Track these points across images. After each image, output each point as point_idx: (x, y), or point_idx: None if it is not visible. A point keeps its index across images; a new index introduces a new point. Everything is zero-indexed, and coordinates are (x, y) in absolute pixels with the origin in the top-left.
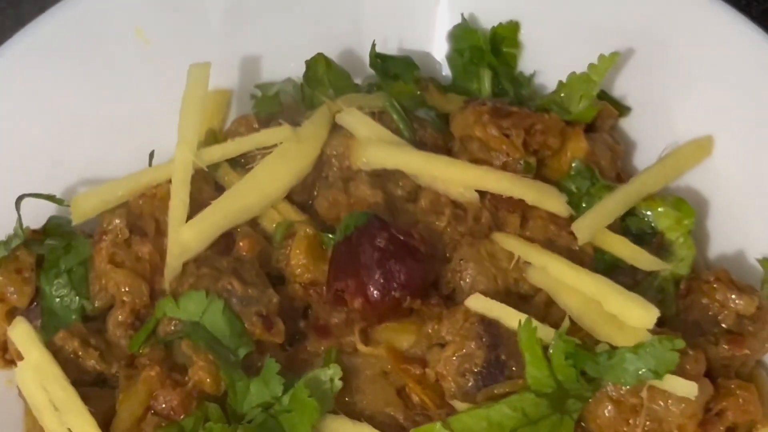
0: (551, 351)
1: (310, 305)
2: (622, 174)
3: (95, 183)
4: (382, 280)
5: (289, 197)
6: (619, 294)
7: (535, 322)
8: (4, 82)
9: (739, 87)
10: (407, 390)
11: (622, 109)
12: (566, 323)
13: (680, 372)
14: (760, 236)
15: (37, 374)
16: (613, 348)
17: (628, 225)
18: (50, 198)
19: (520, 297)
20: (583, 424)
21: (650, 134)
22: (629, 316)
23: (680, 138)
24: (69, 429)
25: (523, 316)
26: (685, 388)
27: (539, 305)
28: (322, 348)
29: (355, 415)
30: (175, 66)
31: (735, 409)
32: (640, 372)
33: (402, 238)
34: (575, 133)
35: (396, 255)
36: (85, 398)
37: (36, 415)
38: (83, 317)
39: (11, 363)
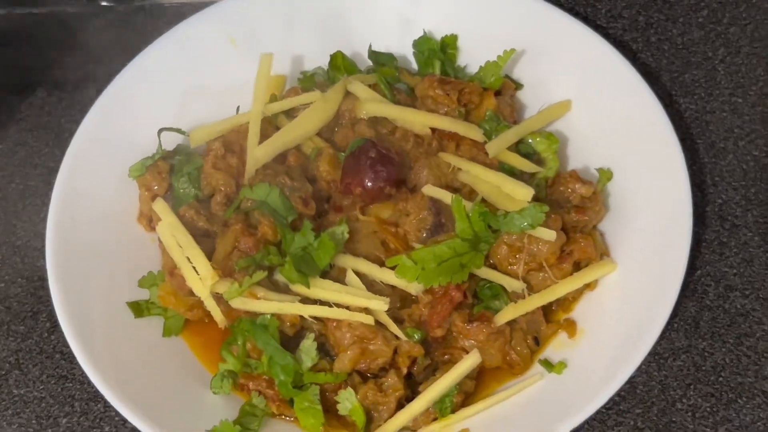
0: (470, 214)
1: (331, 194)
2: (516, 120)
3: (205, 123)
4: (373, 176)
5: (319, 134)
6: (511, 181)
7: (462, 199)
8: (150, 73)
9: (584, 68)
10: (387, 240)
11: (517, 85)
12: (479, 198)
13: (546, 226)
14: (594, 157)
15: (170, 229)
16: (507, 212)
17: (519, 148)
18: (178, 131)
19: (454, 189)
20: (489, 259)
21: (534, 100)
22: (516, 194)
23: (552, 100)
24: (188, 257)
25: (455, 195)
26: (548, 234)
27: (465, 193)
28: (338, 219)
29: (356, 254)
30: (253, 58)
31: (579, 250)
32: (522, 225)
33: (384, 152)
34: (488, 94)
35: (381, 162)
36: (198, 243)
37: (168, 252)
38: (196, 200)
39: (154, 229)
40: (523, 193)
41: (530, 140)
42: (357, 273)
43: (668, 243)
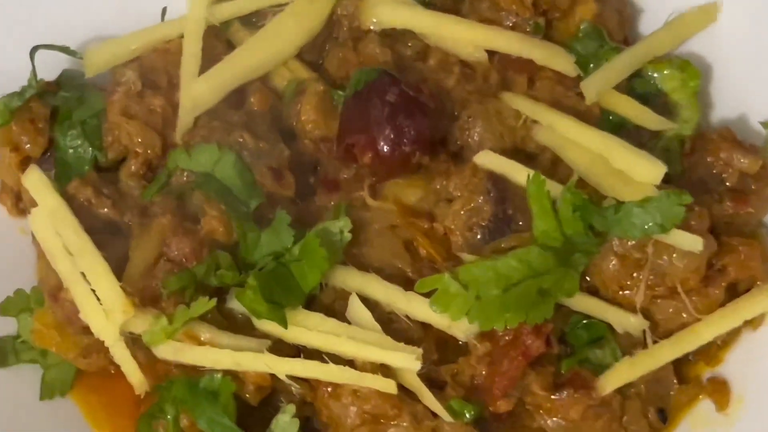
0: (559, 204)
1: (320, 161)
2: (629, 38)
3: (108, 38)
4: (392, 135)
5: (300, 56)
6: (627, 150)
7: (543, 177)
8: None
9: None
10: (415, 243)
11: None
12: (575, 177)
13: (685, 227)
14: (763, 101)
15: (51, 220)
16: (620, 203)
17: (634, 86)
18: (64, 50)
19: (527, 155)
20: (588, 278)
21: (657, 1)
22: (636, 172)
23: (686, 3)
24: (82, 273)
25: (531, 171)
26: (691, 242)
27: (546, 163)
28: (332, 203)
29: (364, 266)
30: None
31: (737, 265)
32: (646, 226)
33: (412, 93)
34: None
35: (406, 110)
36: (98, 245)
37: (50, 260)
38: (96, 168)
39: (24, 212)
40: (649, 171)
41: (653, 73)
42: (366, 300)
43: None
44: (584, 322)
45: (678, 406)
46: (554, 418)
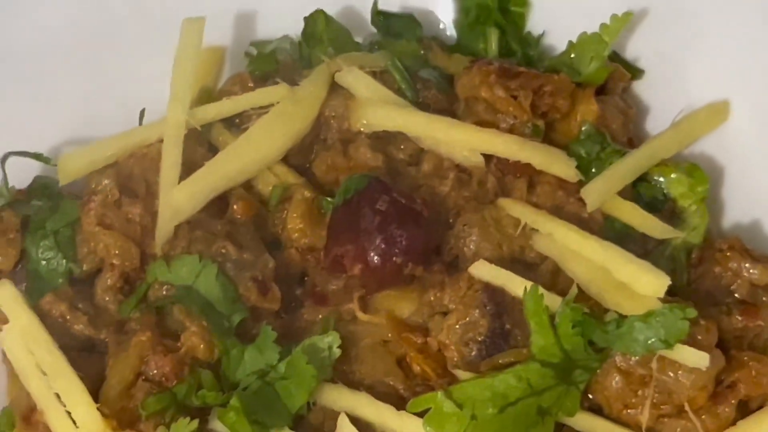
0: (558, 319)
1: (307, 272)
2: (633, 139)
3: (83, 143)
4: (383, 245)
5: (286, 160)
6: (629, 261)
7: (541, 289)
8: None
9: (755, 47)
10: (408, 359)
11: (635, 72)
12: (574, 290)
13: (691, 342)
14: None
15: (24, 338)
16: (622, 317)
17: (639, 192)
18: (37, 157)
19: (526, 265)
20: (590, 395)
21: (664, 98)
22: (639, 284)
23: (695, 102)
24: (57, 394)
25: (529, 283)
26: (696, 358)
27: (545, 274)
28: (320, 316)
29: (354, 384)
30: (167, 20)
31: (747, 381)
32: (649, 341)
33: (404, 201)
34: (585, 95)
35: (398, 219)
36: (73, 364)
37: (22, 380)
38: (70, 281)
39: None
40: (652, 283)
41: (659, 177)
42: (356, 420)
43: None
44: None
45: None
46: None
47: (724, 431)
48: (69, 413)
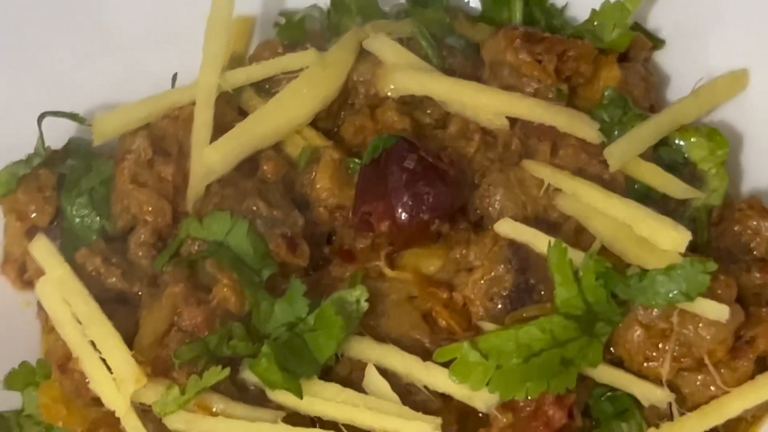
0: (581, 272)
1: (335, 231)
2: (655, 107)
3: (117, 106)
4: (410, 203)
5: (314, 124)
6: (651, 217)
7: (564, 244)
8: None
9: None
10: (433, 314)
11: (656, 42)
12: (597, 244)
13: (711, 296)
14: None
15: (59, 288)
16: (644, 271)
17: (660, 155)
18: (72, 117)
19: (549, 225)
20: (612, 350)
21: (684, 68)
22: (661, 239)
23: (715, 72)
24: (92, 341)
25: (553, 239)
26: (717, 311)
27: (568, 233)
28: (347, 273)
29: (381, 338)
30: None
31: (766, 337)
32: (671, 294)
33: (431, 160)
34: (608, 61)
35: (425, 177)
36: (107, 315)
37: (58, 329)
38: (104, 238)
39: (29, 284)
40: (674, 238)
41: (680, 141)
42: (383, 371)
43: None
44: (608, 394)
45: None
46: None
47: (742, 385)
48: (104, 360)
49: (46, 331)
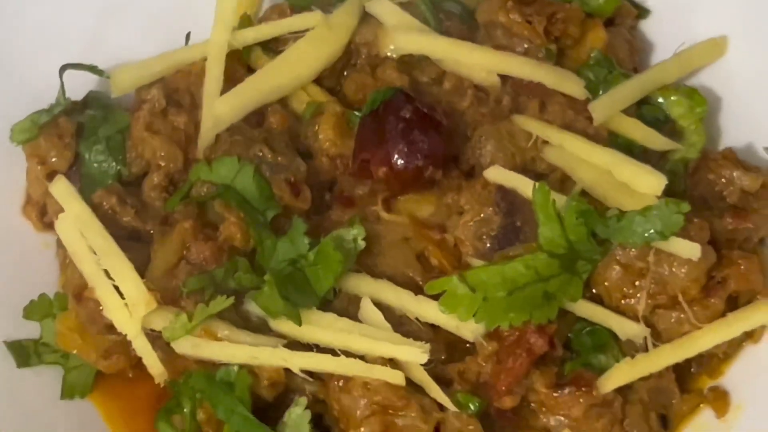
0: (563, 212)
1: (336, 180)
2: (638, 69)
3: (133, 63)
4: (406, 149)
5: (319, 81)
6: (630, 163)
7: (548, 187)
8: None
9: None
10: (426, 253)
11: (642, 10)
12: (578, 187)
13: (685, 237)
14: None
15: (77, 224)
16: (623, 212)
17: (642, 112)
18: (92, 69)
19: (537, 175)
20: (593, 289)
21: (668, 37)
22: (639, 183)
23: (695, 37)
24: (106, 271)
25: (539, 184)
26: (689, 249)
27: (554, 182)
28: (346, 218)
29: (376, 275)
30: None
31: (737, 277)
32: (647, 233)
33: (426, 111)
34: (595, 24)
35: (420, 126)
36: (121, 249)
37: (75, 261)
38: (120, 182)
39: (49, 226)
40: (651, 182)
41: (661, 99)
42: (378, 303)
43: None
44: (588, 328)
45: (680, 414)
46: (557, 416)
47: (713, 322)
48: (117, 288)
49: (64, 267)
